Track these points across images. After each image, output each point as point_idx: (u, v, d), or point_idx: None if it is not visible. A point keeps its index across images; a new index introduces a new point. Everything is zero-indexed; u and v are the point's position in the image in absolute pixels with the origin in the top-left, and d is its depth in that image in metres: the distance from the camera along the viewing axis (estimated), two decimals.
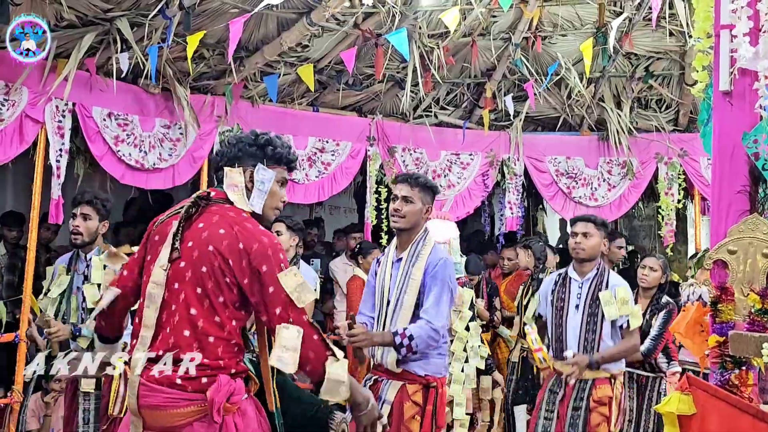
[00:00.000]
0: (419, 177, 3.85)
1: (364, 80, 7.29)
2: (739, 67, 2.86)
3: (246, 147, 2.70)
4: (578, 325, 4.43)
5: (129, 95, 6.29)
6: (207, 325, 2.46)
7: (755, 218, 2.81)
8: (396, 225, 3.79)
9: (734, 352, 2.59)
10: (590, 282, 4.48)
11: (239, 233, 2.51)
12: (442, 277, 3.69)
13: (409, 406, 3.66)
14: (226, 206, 2.62)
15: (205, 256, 2.48)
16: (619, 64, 7.45)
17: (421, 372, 3.70)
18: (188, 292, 2.48)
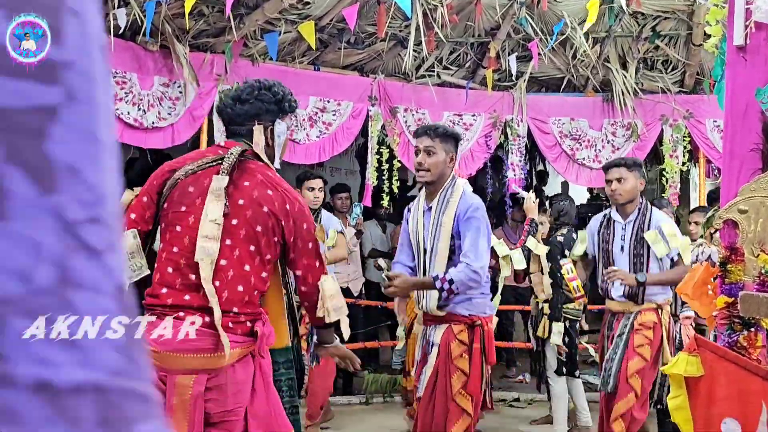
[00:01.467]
0: (438, 127, 3.85)
1: (365, 39, 7.17)
2: (755, 21, 2.77)
3: (266, 103, 2.78)
4: (625, 267, 4.58)
5: (127, 53, 6.19)
6: (256, 280, 2.62)
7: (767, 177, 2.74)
8: (422, 179, 3.80)
9: (744, 313, 2.54)
10: (633, 223, 4.60)
11: (284, 194, 2.68)
12: (477, 221, 3.72)
13: (456, 345, 3.73)
14: (260, 164, 2.73)
15: (260, 216, 2.62)
16: (625, 24, 7.32)
17: (465, 312, 3.78)
18: (242, 249, 2.60)
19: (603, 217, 4.84)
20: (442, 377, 3.74)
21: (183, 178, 2.64)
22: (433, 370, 3.77)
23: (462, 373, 3.72)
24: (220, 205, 2.57)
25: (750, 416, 2.39)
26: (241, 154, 2.67)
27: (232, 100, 2.77)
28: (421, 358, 3.91)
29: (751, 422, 2.39)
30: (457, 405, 3.70)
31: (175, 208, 2.62)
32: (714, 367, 2.47)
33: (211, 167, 2.65)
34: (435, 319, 3.84)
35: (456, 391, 3.70)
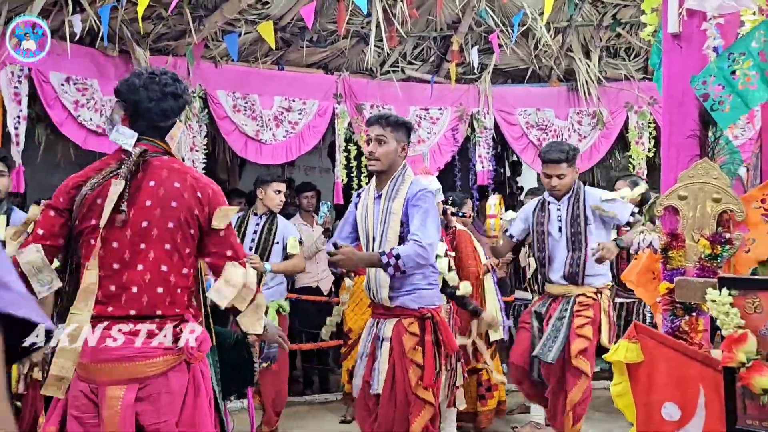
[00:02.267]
0: (390, 116, 3.82)
1: (328, 37, 7.17)
2: (687, 8, 2.80)
3: (183, 100, 2.72)
4: (564, 246, 4.61)
5: (87, 59, 6.17)
6: (177, 278, 2.57)
7: (705, 162, 2.77)
8: (373, 168, 3.76)
9: (680, 298, 2.58)
10: (567, 202, 4.64)
11: (193, 183, 2.62)
12: (425, 204, 3.67)
13: (408, 337, 3.71)
14: (164, 158, 2.66)
15: (170, 212, 2.56)
16: (585, 13, 7.35)
17: (413, 305, 3.75)
18: (157, 249, 2.55)
19: (537, 202, 4.87)
20: (399, 372, 3.71)
21: (89, 193, 2.56)
22: (389, 366, 3.73)
23: (417, 366, 3.70)
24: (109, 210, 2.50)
25: (689, 400, 2.42)
26: (142, 155, 2.58)
27: (164, 95, 2.63)
28: (369, 352, 3.86)
29: (690, 406, 2.42)
30: (417, 398, 3.68)
31: (86, 223, 2.56)
32: (653, 353, 2.50)
33: (114, 174, 2.56)
34: (384, 312, 3.81)
35: (415, 383, 3.68)
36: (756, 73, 2.68)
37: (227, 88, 6.89)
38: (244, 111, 6.94)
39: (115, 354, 2.45)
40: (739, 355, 2.19)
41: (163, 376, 2.48)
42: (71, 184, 2.63)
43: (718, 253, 2.66)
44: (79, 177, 2.64)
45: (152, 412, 2.46)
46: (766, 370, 2.17)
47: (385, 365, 3.74)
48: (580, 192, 4.64)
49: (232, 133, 6.91)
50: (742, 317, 2.24)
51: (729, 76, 2.69)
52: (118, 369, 2.46)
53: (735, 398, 2.26)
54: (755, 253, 2.70)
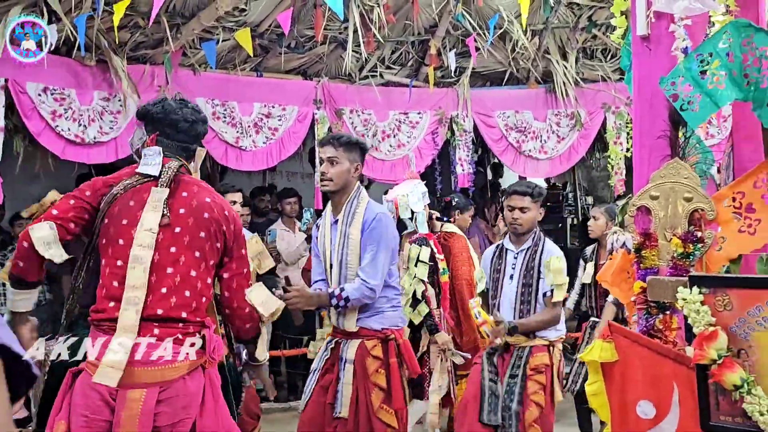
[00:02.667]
0: (342, 136, 3.81)
1: (306, 43, 7.18)
2: (655, 10, 2.83)
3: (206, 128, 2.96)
4: (513, 295, 4.40)
5: (63, 68, 6.15)
6: (203, 285, 2.69)
7: (676, 162, 2.80)
8: (325, 188, 3.77)
9: (652, 297, 2.60)
10: (525, 252, 4.44)
11: (220, 201, 2.81)
12: (378, 234, 3.69)
13: (371, 361, 3.70)
14: (192, 178, 2.84)
15: (203, 222, 2.70)
16: (562, 15, 7.41)
17: (377, 326, 3.76)
18: (188, 255, 2.66)
19: (496, 247, 4.68)
20: (362, 394, 3.69)
21: (122, 193, 2.68)
22: (352, 388, 3.71)
23: (380, 390, 3.69)
24: (157, 215, 2.62)
25: (663, 398, 2.44)
26: (178, 169, 2.75)
27: (198, 120, 2.86)
28: (322, 368, 3.82)
29: (665, 403, 2.44)
30: (380, 421, 3.66)
31: (116, 223, 2.65)
32: (627, 352, 2.52)
33: (148, 182, 2.72)
34: (347, 333, 3.79)
35: (377, 407, 3.66)
36: (724, 73, 2.71)
37: (206, 96, 6.89)
38: (223, 118, 6.94)
39: (142, 359, 2.51)
40: (711, 352, 2.22)
41: (181, 380, 2.57)
42: (102, 182, 2.75)
43: (690, 252, 2.69)
44: (111, 179, 2.77)
45: (169, 414, 2.53)
46: (736, 366, 2.20)
47: (350, 388, 3.71)
48: (539, 244, 4.43)
49: (212, 140, 6.90)
50: (713, 315, 2.27)
51: (698, 77, 2.72)
52: (143, 373, 2.52)
53: (708, 395, 2.29)
54: (726, 252, 2.74)
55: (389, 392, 3.69)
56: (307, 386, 3.88)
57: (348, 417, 3.68)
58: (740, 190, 2.76)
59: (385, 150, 7.53)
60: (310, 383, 3.86)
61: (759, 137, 3.07)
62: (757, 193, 2.73)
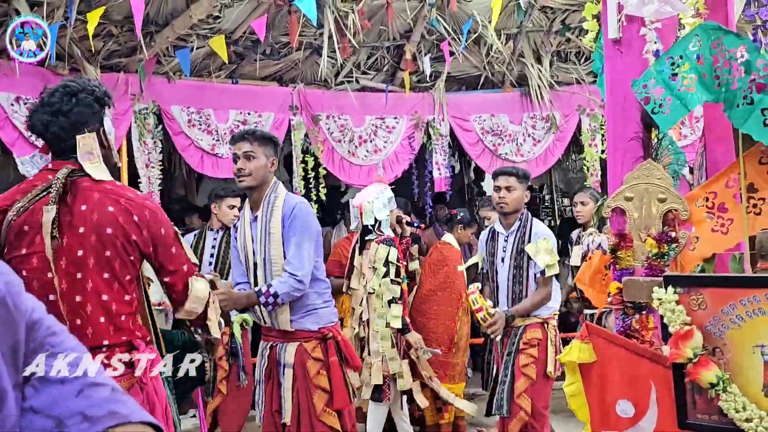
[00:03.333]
0: (256, 131, 3.76)
1: (281, 49, 7.17)
2: (626, 14, 2.86)
3: (88, 106, 2.50)
4: (506, 278, 4.52)
5: (36, 78, 6.08)
6: (119, 306, 2.45)
7: (649, 164, 2.83)
8: (243, 184, 3.69)
9: (628, 298, 2.63)
10: (515, 234, 4.54)
11: (128, 206, 2.47)
12: (300, 224, 3.61)
13: (312, 363, 3.64)
14: (90, 179, 2.47)
15: (106, 239, 2.41)
16: (535, 19, 7.45)
17: (314, 327, 3.69)
18: (96, 279, 2.41)
19: (489, 231, 4.80)
20: (304, 398, 3.63)
21: (15, 219, 2.39)
22: (294, 393, 3.64)
23: (323, 392, 3.63)
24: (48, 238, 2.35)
25: (641, 397, 2.47)
26: (69, 175, 2.43)
27: (51, 115, 2.45)
28: (264, 377, 3.76)
29: (643, 402, 2.47)
30: (323, 424, 3.61)
31: (16, 252, 2.40)
32: (605, 353, 2.55)
33: (41, 198, 2.41)
34: (284, 336, 3.70)
35: (320, 410, 3.61)
36: (694, 76, 2.75)
37: (181, 104, 6.86)
38: (199, 126, 6.91)
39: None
40: (686, 351, 2.24)
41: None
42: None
43: (665, 252, 2.72)
44: (3, 200, 2.46)
45: None
46: (712, 365, 2.23)
47: (290, 393, 3.65)
48: (527, 225, 4.54)
49: (187, 148, 6.87)
50: (688, 314, 2.30)
51: (668, 80, 2.76)
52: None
53: (684, 394, 2.32)
54: (700, 251, 2.78)
55: (331, 393, 3.63)
56: (258, 399, 3.82)
57: (290, 423, 3.62)
58: (712, 190, 2.80)
59: (362, 155, 7.54)
60: (260, 395, 3.79)
61: (730, 138, 3.11)
62: (729, 193, 2.77)
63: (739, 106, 2.61)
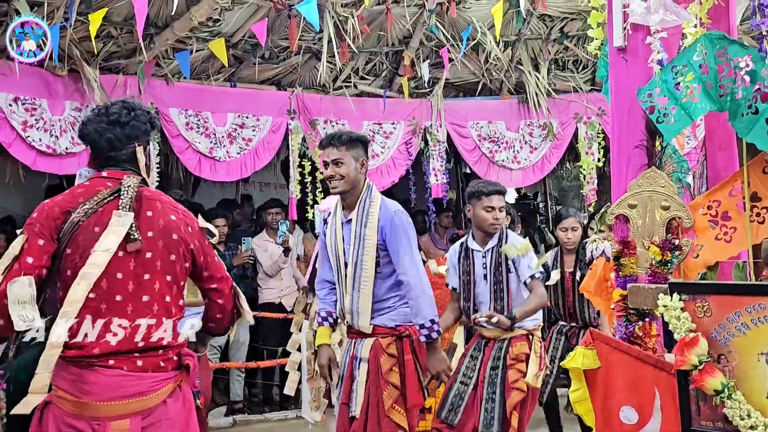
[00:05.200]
0: (342, 135, 3.66)
1: (280, 53, 7.19)
2: (632, 23, 2.88)
3: (142, 123, 2.67)
4: (488, 295, 4.35)
5: (35, 78, 6.09)
6: (176, 309, 2.61)
7: (653, 172, 2.85)
8: (336, 190, 3.64)
9: (633, 305, 2.65)
10: (492, 250, 4.38)
11: (183, 217, 2.67)
12: (403, 233, 3.60)
13: (385, 359, 3.62)
14: (153, 191, 2.69)
15: (172, 244, 2.58)
16: (534, 27, 7.49)
17: (390, 323, 3.67)
18: (162, 281, 2.56)
19: (460, 247, 4.54)
20: (374, 393, 3.60)
21: (84, 220, 2.48)
22: (365, 388, 3.62)
23: (393, 388, 3.59)
24: (117, 238, 2.46)
25: (645, 403, 2.48)
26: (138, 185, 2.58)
27: (109, 124, 2.59)
28: (347, 373, 3.75)
29: (647, 409, 2.48)
30: (390, 421, 3.56)
31: (83, 252, 2.46)
32: (609, 359, 2.56)
33: (109, 202, 2.52)
34: (362, 334, 3.71)
35: (388, 406, 3.56)
36: (698, 85, 2.77)
37: (179, 106, 6.85)
38: (197, 129, 6.91)
39: (122, 392, 2.43)
40: (692, 358, 2.25)
41: (163, 404, 2.51)
42: (58, 210, 2.50)
43: (669, 260, 2.74)
44: (66, 203, 2.52)
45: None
46: (717, 372, 2.24)
47: (363, 387, 3.64)
48: (503, 239, 4.38)
49: (185, 151, 6.87)
50: (693, 321, 2.31)
51: (673, 89, 2.78)
52: (124, 405, 2.44)
53: (689, 401, 2.33)
54: (703, 259, 2.79)
55: (403, 391, 3.61)
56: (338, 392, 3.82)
57: (359, 417, 3.61)
58: (716, 198, 2.82)
59: None
60: (338, 390, 3.80)
61: (733, 146, 3.14)
62: (733, 202, 2.79)
63: (743, 115, 2.63)
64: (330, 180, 3.64)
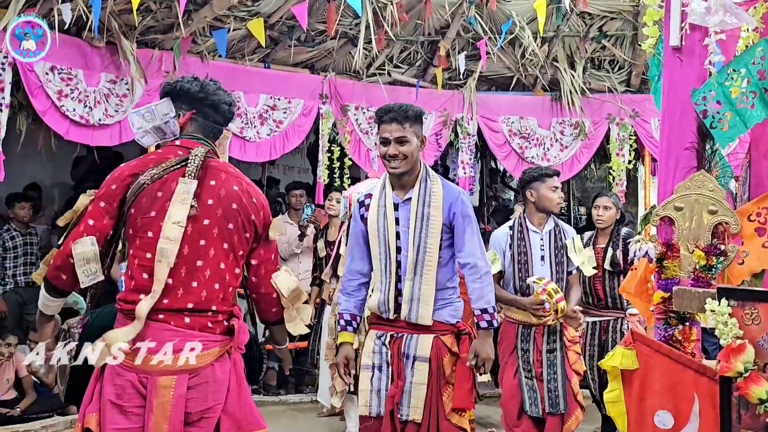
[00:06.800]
0: (408, 110, 3.32)
1: (316, 37, 7.16)
2: (690, 23, 2.84)
3: (234, 111, 2.91)
4: (547, 276, 4.46)
5: (73, 48, 6.09)
6: (231, 277, 2.70)
7: (702, 175, 2.81)
8: (397, 170, 3.31)
9: (678, 308, 2.61)
10: (551, 233, 4.54)
11: (248, 188, 2.76)
12: (471, 211, 3.42)
13: (448, 359, 3.37)
14: (220, 162, 2.80)
15: (231, 213, 2.67)
16: (572, 24, 7.43)
17: (452, 320, 3.43)
18: (217, 248, 2.65)
19: (510, 229, 4.64)
20: (434, 395, 3.33)
21: (149, 183, 2.62)
22: (428, 391, 3.32)
23: (452, 389, 3.37)
24: (185, 207, 2.58)
25: (682, 408, 2.45)
26: (205, 155, 2.69)
27: (230, 103, 2.83)
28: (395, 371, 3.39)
29: (684, 414, 2.45)
30: (450, 424, 3.32)
31: (144, 214, 2.61)
32: (648, 360, 2.53)
33: (176, 170, 2.65)
34: (414, 328, 3.38)
35: (449, 410, 3.33)
36: (754, 92, 2.73)
37: None
38: None
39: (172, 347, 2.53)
40: (738, 365, 2.22)
41: (210, 366, 2.59)
42: (127, 172, 2.67)
43: (713, 265, 2.70)
44: (136, 167, 2.68)
45: (199, 400, 2.56)
46: (762, 380, 2.21)
47: (423, 389, 3.33)
48: (559, 224, 4.60)
49: None
50: (741, 328, 2.28)
51: (728, 93, 2.74)
52: (174, 361, 2.53)
53: (730, 408, 2.30)
54: (748, 266, 2.75)
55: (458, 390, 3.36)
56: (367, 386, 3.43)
57: (421, 421, 3.30)
58: (765, 205, 2.77)
59: None
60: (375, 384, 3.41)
61: None
62: None
63: None
64: (391, 159, 3.32)
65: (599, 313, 5.47)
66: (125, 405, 2.52)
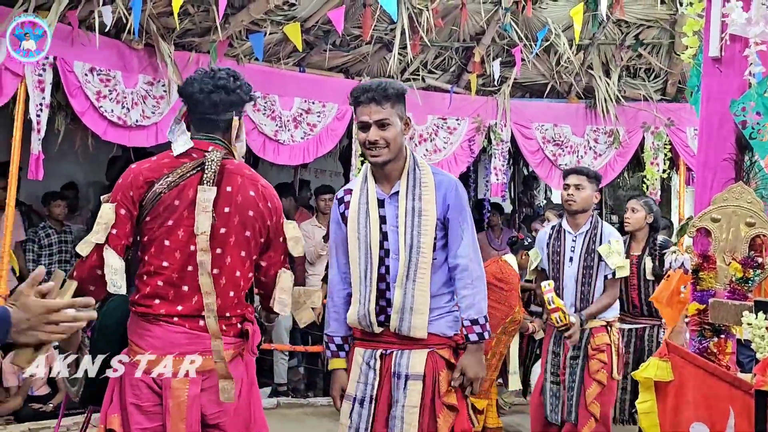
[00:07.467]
0: (387, 87, 2.87)
1: (351, 41, 7.19)
2: (730, 33, 2.82)
3: (244, 93, 2.71)
4: (573, 278, 4.53)
5: (112, 50, 6.18)
6: (245, 282, 2.68)
7: (740, 187, 2.79)
8: (380, 159, 2.85)
9: (714, 320, 2.59)
10: (584, 235, 4.56)
11: (264, 192, 2.70)
12: (467, 204, 2.99)
13: (445, 376, 2.91)
14: (237, 163, 2.70)
15: (248, 220, 2.64)
16: (609, 32, 7.39)
17: (449, 332, 2.97)
18: (234, 256, 2.62)
19: (552, 229, 4.79)
20: (426, 419, 2.87)
21: (166, 192, 2.55)
22: (425, 411, 2.87)
23: (449, 411, 2.89)
24: (209, 216, 2.54)
25: (717, 421, 2.43)
26: (221, 159, 2.61)
27: (215, 87, 2.61)
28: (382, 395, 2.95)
29: (719, 427, 2.43)
30: None
31: (162, 223, 2.56)
32: (683, 372, 2.51)
33: (191, 176, 2.58)
34: (405, 342, 2.92)
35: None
36: None
37: None
38: (263, 111, 6.96)
39: (186, 349, 2.54)
40: None
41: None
42: (142, 178, 2.58)
43: (750, 277, 2.68)
44: (151, 172, 2.59)
45: (213, 402, 2.56)
46: None
47: (416, 415, 2.86)
48: (598, 227, 4.59)
49: (250, 132, 6.92)
50: None
51: None
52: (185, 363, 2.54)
53: (766, 422, 2.27)
54: None
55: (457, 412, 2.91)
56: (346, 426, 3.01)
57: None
58: None
59: (421, 154, 7.52)
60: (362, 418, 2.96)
61: None
62: None
63: None
64: (372, 147, 2.85)
65: (635, 321, 5.44)
66: (144, 405, 2.53)
